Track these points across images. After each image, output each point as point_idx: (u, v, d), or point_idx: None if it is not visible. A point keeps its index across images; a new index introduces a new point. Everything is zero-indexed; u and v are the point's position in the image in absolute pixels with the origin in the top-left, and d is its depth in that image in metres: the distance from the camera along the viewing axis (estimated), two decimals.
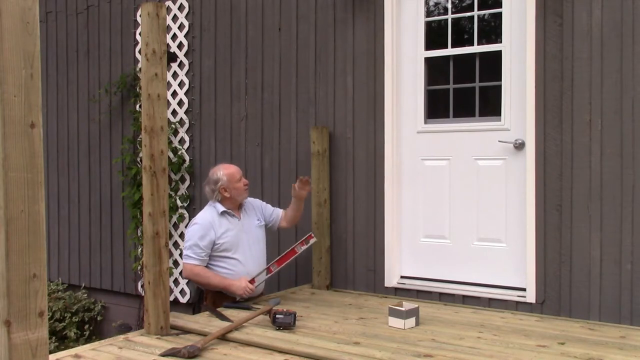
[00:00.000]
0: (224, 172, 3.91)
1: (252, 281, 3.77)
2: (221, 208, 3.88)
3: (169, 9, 5.18)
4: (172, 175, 5.18)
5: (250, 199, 4.15)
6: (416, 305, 3.40)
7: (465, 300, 3.94)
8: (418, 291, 4.12)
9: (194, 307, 4.10)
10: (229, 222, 3.89)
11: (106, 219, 5.70)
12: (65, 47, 5.99)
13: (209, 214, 3.89)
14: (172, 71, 5.20)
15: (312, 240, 3.83)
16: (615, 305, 3.46)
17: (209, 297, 3.86)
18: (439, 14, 4.17)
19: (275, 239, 4.55)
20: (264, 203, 4.20)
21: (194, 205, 5.13)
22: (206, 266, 3.83)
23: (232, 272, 3.83)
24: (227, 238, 3.84)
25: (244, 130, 4.87)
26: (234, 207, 3.94)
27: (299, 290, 4.36)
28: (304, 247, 3.85)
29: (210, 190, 3.92)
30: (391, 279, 4.22)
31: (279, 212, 4.18)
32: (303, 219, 4.54)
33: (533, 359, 2.75)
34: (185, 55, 5.14)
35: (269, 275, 3.84)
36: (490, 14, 3.98)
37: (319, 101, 4.51)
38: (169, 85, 5.18)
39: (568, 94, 3.59)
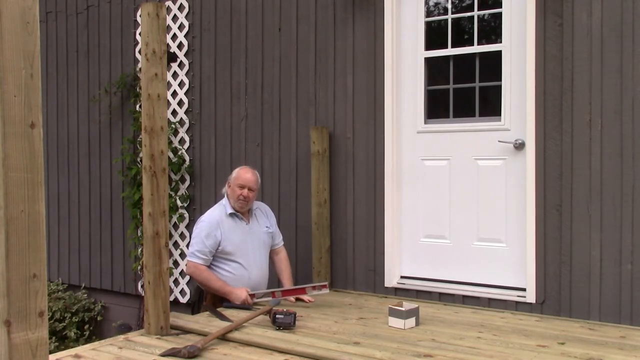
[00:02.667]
0: (237, 170, 3.99)
1: (252, 295, 3.74)
2: (230, 209, 3.89)
3: (169, 9, 5.18)
4: (172, 175, 5.18)
5: (266, 208, 4.17)
6: (416, 305, 3.40)
7: (465, 300, 3.94)
8: (418, 291, 4.12)
9: (193, 306, 4.10)
10: (236, 224, 3.89)
11: (106, 219, 5.70)
12: (65, 47, 5.99)
13: (217, 213, 3.89)
14: (172, 71, 5.20)
15: (324, 290, 3.82)
16: (615, 305, 3.46)
17: (209, 297, 3.85)
18: (439, 14, 4.17)
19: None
20: (275, 220, 4.17)
21: (194, 206, 5.13)
22: (209, 266, 3.83)
23: (234, 276, 3.83)
24: (232, 240, 3.83)
25: (244, 130, 4.87)
26: (240, 209, 3.92)
27: None
28: (314, 292, 3.83)
29: (226, 182, 4.01)
30: (391, 279, 4.22)
31: (277, 242, 4.14)
32: (304, 219, 4.54)
33: (533, 359, 2.75)
34: (185, 55, 5.14)
35: (271, 299, 3.78)
36: (490, 14, 3.98)
37: (319, 101, 4.51)
38: (169, 85, 5.18)
39: (568, 94, 3.59)
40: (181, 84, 5.18)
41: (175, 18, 5.19)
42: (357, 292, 4.34)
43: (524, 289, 3.78)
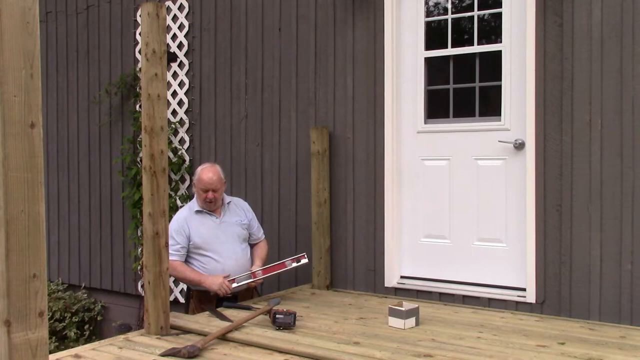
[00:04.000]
0: (198, 172, 3.97)
1: (232, 280, 3.74)
2: (196, 206, 3.93)
3: (169, 9, 5.18)
4: (172, 175, 5.18)
5: (242, 203, 4.17)
6: (416, 305, 3.40)
7: (465, 300, 3.94)
8: (418, 291, 4.12)
9: (185, 306, 4.10)
10: (204, 218, 3.92)
11: (106, 219, 5.70)
12: (65, 47, 5.99)
13: (184, 211, 3.98)
14: (172, 71, 5.20)
15: (303, 260, 3.82)
16: (615, 305, 3.46)
17: (194, 295, 3.88)
18: (439, 14, 4.17)
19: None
20: (254, 218, 4.15)
21: None
22: (185, 261, 3.86)
23: (207, 270, 3.84)
24: (200, 234, 3.85)
25: (244, 130, 4.87)
26: (210, 209, 3.93)
27: (299, 290, 4.35)
28: (294, 265, 3.82)
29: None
30: (391, 279, 4.22)
31: (259, 236, 4.14)
32: (304, 220, 4.54)
33: (533, 359, 2.75)
34: (185, 55, 5.14)
35: (254, 281, 3.81)
36: (490, 14, 3.98)
37: (319, 101, 4.51)
38: (169, 85, 5.18)
39: (568, 94, 3.59)
40: (181, 84, 5.18)
41: (175, 18, 5.19)
42: (357, 292, 4.34)
43: (524, 289, 3.78)
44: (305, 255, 3.86)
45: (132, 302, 5.53)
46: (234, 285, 3.76)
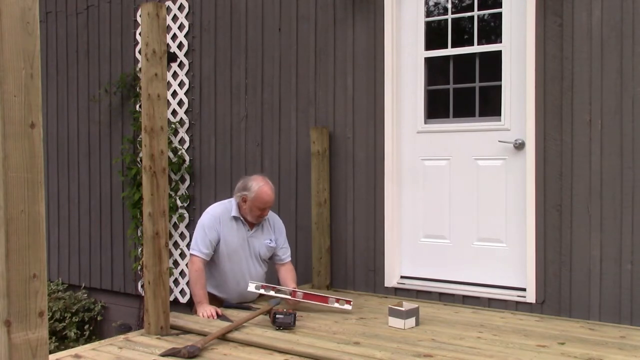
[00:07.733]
0: (259, 190, 3.70)
1: (221, 315, 3.49)
2: (235, 211, 3.75)
3: (169, 9, 5.18)
4: (172, 175, 5.18)
5: (276, 219, 3.97)
6: (416, 305, 3.40)
7: (465, 300, 3.94)
8: (418, 291, 4.12)
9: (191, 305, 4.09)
10: (237, 227, 3.76)
11: (106, 219, 5.70)
12: (65, 47, 5.99)
13: (220, 210, 3.76)
14: (172, 71, 5.20)
15: (346, 305, 3.66)
16: (615, 305, 3.46)
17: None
18: (439, 14, 4.17)
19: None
20: (284, 233, 3.97)
21: (194, 206, 5.13)
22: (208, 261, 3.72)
23: (221, 280, 3.77)
24: (228, 242, 3.72)
25: (244, 130, 4.87)
26: (256, 222, 3.79)
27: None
28: (335, 305, 3.65)
29: (238, 189, 3.78)
30: (391, 279, 4.22)
31: (283, 258, 3.91)
32: (304, 220, 4.54)
33: (533, 359, 2.75)
34: (185, 55, 5.14)
35: (291, 299, 3.58)
36: (490, 14, 3.98)
37: (319, 101, 4.51)
38: (169, 85, 5.18)
39: (568, 94, 3.59)
40: (181, 84, 5.18)
41: (175, 18, 5.19)
42: (357, 292, 4.34)
43: (524, 289, 3.78)
44: (352, 302, 3.69)
45: (132, 302, 5.53)
46: (270, 292, 3.54)
